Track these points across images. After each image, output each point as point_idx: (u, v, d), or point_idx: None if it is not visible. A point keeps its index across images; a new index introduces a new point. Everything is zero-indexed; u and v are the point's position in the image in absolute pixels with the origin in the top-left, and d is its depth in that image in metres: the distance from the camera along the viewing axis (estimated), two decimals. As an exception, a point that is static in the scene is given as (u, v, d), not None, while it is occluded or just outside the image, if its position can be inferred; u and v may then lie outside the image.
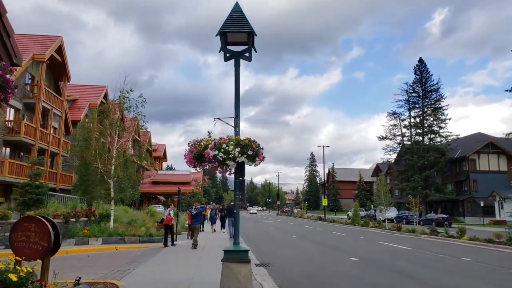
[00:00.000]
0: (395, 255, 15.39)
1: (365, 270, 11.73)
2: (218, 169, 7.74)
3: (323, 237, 24.77)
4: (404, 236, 26.00)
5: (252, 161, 7.47)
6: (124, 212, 22.51)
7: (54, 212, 16.26)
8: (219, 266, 7.62)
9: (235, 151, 7.10)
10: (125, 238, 17.20)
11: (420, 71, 60.84)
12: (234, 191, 7.76)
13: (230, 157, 7.14)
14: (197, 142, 7.88)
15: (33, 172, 19.58)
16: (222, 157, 7.13)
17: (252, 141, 7.37)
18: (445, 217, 43.44)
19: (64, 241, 15.43)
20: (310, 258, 14.35)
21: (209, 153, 7.27)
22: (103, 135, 19.25)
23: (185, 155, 7.88)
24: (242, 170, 7.73)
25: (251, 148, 7.24)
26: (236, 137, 7.41)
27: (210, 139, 7.74)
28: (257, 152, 7.36)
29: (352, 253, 15.77)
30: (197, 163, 7.79)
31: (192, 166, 7.96)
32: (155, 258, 13.14)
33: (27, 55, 28.19)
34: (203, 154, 7.60)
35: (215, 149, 7.23)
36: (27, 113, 29.22)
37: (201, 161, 7.71)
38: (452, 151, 57.24)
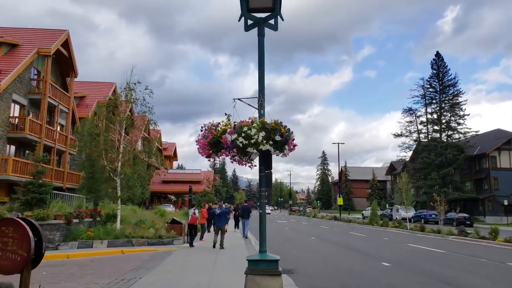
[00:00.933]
0: (429, 259, 13.87)
1: (404, 277, 10.26)
2: (238, 159, 6.36)
3: (343, 238, 23.28)
4: (429, 237, 24.37)
5: (280, 150, 6.05)
6: (132, 212, 21.26)
7: (57, 212, 15.01)
8: (236, 271, 6.18)
9: (259, 136, 5.70)
10: (133, 240, 15.92)
11: (437, 65, 58.91)
12: (259, 187, 6.34)
13: (253, 143, 5.74)
14: (212, 126, 6.48)
15: (35, 170, 18.41)
16: (242, 143, 5.74)
17: (280, 124, 5.96)
18: (467, 217, 41.56)
19: (66, 244, 14.21)
20: (337, 264, 12.90)
21: (227, 138, 5.89)
22: (109, 129, 17.96)
23: (197, 141, 6.50)
24: (268, 161, 6.32)
25: (279, 132, 5.84)
26: (261, 119, 6.01)
27: (229, 123, 6.34)
28: (286, 139, 5.94)
29: (381, 256, 14.28)
30: (213, 151, 6.40)
31: (205, 155, 6.57)
32: (164, 264, 11.80)
33: (32, 49, 27.18)
34: (219, 141, 6.23)
35: (234, 133, 5.85)
36: (32, 109, 28.15)
37: (217, 148, 6.32)
38: (470, 148, 55.26)
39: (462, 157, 54.48)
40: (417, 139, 62.38)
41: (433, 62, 59.41)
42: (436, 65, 58.96)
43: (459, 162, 54.48)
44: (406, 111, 63.06)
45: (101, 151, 17.05)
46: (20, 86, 26.31)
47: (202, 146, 6.44)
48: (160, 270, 10.51)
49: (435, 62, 59.20)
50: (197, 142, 6.51)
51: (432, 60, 59.70)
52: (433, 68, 59.22)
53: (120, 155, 17.36)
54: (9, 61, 25.50)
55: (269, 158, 6.24)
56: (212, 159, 6.61)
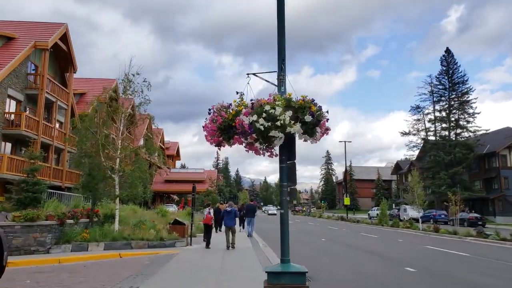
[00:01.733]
0: (456, 264, 12.65)
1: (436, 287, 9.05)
2: (256, 148, 5.16)
3: (355, 240, 22.04)
4: (445, 238, 23.10)
5: (310, 134, 4.84)
6: (132, 212, 20.11)
7: (48, 212, 13.81)
8: (245, 277, 4.98)
9: (285, 116, 4.49)
10: (132, 242, 14.74)
11: (446, 62, 57.53)
12: (280, 181, 5.13)
13: (278, 126, 4.54)
14: (223, 108, 5.27)
15: (29, 168, 17.29)
16: (264, 126, 4.53)
17: (310, 102, 4.74)
18: (479, 217, 40.18)
19: (59, 247, 13.04)
20: (357, 269, 11.69)
21: (243, 120, 4.67)
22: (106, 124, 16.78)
23: (204, 126, 5.30)
24: (291, 149, 5.12)
25: (309, 111, 4.62)
26: (287, 94, 4.81)
27: (243, 103, 5.13)
28: (318, 119, 4.73)
29: (402, 260, 13.05)
30: (223, 138, 5.19)
31: (215, 144, 5.36)
32: (165, 269, 10.62)
33: (29, 42, 26.06)
34: (232, 125, 5.02)
35: (252, 113, 4.64)
36: (29, 105, 27.04)
37: (229, 134, 5.12)
38: (480, 147, 53.87)
39: (471, 156, 53.12)
40: (425, 137, 61.02)
41: (442, 58, 58.06)
42: (446, 61, 57.57)
43: (469, 161, 53.11)
44: (414, 108, 61.78)
45: (98, 147, 15.86)
46: (16, 80, 25.20)
47: (211, 132, 5.24)
48: (160, 278, 9.33)
49: (445, 58, 57.81)
50: (204, 128, 5.30)
51: (442, 57, 58.35)
52: (443, 64, 57.87)
53: (119, 151, 16.19)
54: (4, 54, 24.38)
55: (293, 145, 5.05)
56: (222, 147, 5.40)
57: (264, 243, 18.59)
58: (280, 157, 5.06)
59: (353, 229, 33.28)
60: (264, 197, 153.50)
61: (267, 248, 16.71)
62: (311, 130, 4.63)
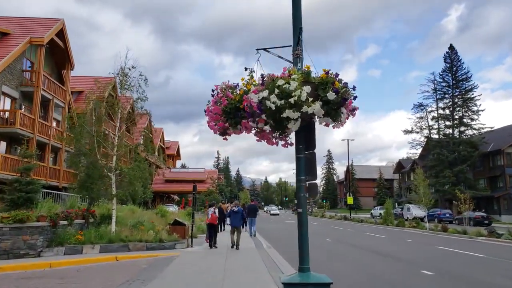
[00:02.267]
0: (474, 266, 11.87)
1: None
2: (267, 134, 4.38)
3: (362, 240, 21.26)
4: (455, 238, 22.31)
5: (334, 116, 4.05)
6: (130, 212, 19.29)
7: (40, 213, 13.03)
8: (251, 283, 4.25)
9: (302, 92, 3.69)
10: (129, 244, 13.96)
11: (450, 59, 56.64)
12: (297, 175, 4.34)
13: (292, 104, 3.75)
14: (229, 88, 4.48)
15: (23, 167, 16.51)
16: (276, 104, 3.74)
17: (333, 77, 3.95)
18: (485, 216, 39.30)
19: (51, 250, 12.27)
20: (370, 272, 10.91)
21: (252, 98, 3.88)
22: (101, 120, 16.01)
23: (207, 111, 4.50)
24: (310, 135, 4.34)
25: (332, 87, 3.84)
26: (305, 67, 4.01)
27: (253, 81, 4.34)
28: (344, 97, 3.94)
29: (417, 262, 12.28)
30: (230, 124, 4.40)
31: (219, 132, 4.55)
32: (165, 273, 9.84)
33: (24, 38, 25.30)
34: (240, 107, 4.23)
35: (263, 89, 3.85)
36: (25, 103, 26.29)
37: (237, 119, 4.32)
38: (484, 145, 53.04)
39: (476, 154, 52.30)
40: (428, 135, 60.20)
41: (446, 55, 57.18)
42: (450, 58, 56.70)
43: (473, 159, 52.29)
44: (417, 106, 60.86)
45: (94, 145, 15.09)
46: (10, 77, 24.44)
47: (214, 116, 4.44)
48: (158, 284, 8.56)
49: (448, 55, 56.95)
50: (207, 112, 4.51)
51: (445, 53, 57.47)
52: (446, 61, 56.98)
53: (115, 149, 15.41)
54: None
55: (312, 131, 4.26)
56: (228, 136, 4.62)
57: (268, 244, 17.84)
58: (297, 146, 4.29)
59: (358, 229, 32.50)
60: (264, 196, 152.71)
61: (271, 249, 15.96)
62: (334, 111, 3.85)
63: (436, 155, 55.41)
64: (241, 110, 4.18)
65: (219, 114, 4.30)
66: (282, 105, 3.64)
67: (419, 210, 44.03)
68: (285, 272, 10.22)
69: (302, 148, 4.23)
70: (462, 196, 25.46)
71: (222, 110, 4.26)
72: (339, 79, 3.81)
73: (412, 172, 71.79)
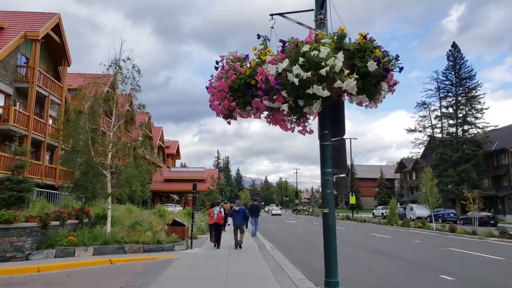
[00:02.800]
0: (496, 270, 11.07)
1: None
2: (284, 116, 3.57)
3: (368, 241, 20.47)
4: (465, 239, 21.48)
5: (371, 93, 3.23)
6: (127, 212, 18.49)
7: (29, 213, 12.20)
8: None
9: (336, 61, 2.85)
10: (125, 246, 13.14)
11: (453, 57, 55.84)
12: (322, 167, 3.51)
13: (324, 76, 2.91)
14: (236, 60, 3.64)
15: (14, 164, 15.69)
16: (301, 76, 2.91)
17: (372, 43, 3.11)
18: (490, 216, 38.47)
19: (40, 253, 11.44)
20: (385, 277, 10.11)
21: (268, 70, 3.05)
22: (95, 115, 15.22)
23: (209, 87, 3.67)
24: (340, 117, 3.52)
25: (372, 56, 3.01)
26: (337, 30, 3.17)
27: (268, 50, 3.50)
28: (387, 68, 3.10)
29: (432, 266, 11.47)
30: (237, 104, 3.56)
31: (222, 112, 3.75)
32: (162, 278, 9.04)
33: (18, 32, 24.48)
34: (251, 83, 3.40)
35: (283, 58, 3.02)
36: (19, 99, 25.48)
37: (246, 97, 3.51)
38: (488, 144, 52.22)
39: (480, 153, 51.49)
40: (431, 134, 59.41)
41: (449, 53, 56.36)
42: (453, 56, 55.89)
43: (477, 158, 51.47)
44: (420, 105, 60.13)
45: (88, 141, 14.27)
46: (4, 73, 23.63)
47: (218, 93, 3.61)
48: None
49: (451, 53, 56.14)
50: (209, 88, 3.69)
51: (448, 51, 56.64)
52: (449, 59, 56.19)
53: (110, 145, 14.60)
54: (-9, 44, 22.82)
55: (340, 111, 3.44)
56: (233, 120, 3.81)
57: (271, 245, 17.06)
58: (321, 131, 3.47)
59: (361, 229, 31.70)
60: (264, 196, 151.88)
61: (275, 251, 15.18)
62: (373, 86, 3.02)
63: (439, 154, 54.64)
64: (252, 86, 3.36)
65: (224, 91, 3.48)
66: (309, 79, 2.81)
67: (423, 210, 43.25)
68: (292, 276, 9.43)
69: (327, 134, 3.42)
70: (471, 195, 24.64)
71: (229, 87, 3.44)
72: (377, 45, 3.00)
73: (415, 171, 71.24)
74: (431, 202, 27.91)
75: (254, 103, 3.35)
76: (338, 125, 3.41)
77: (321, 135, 3.43)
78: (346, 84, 2.86)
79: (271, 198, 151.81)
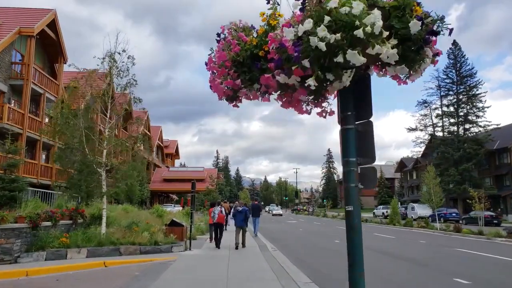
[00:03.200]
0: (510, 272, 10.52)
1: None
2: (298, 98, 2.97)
3: (372, 241, 19.85)
4: (472, 239, 20.91)
5: (412, 61, 2.61)
6: (124, 212, 17.92)
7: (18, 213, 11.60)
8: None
9: (375, 19, 2.22)
10: (121, 248, 12.55)
11: (454, 55, 55.34)
12: (344, 156, 2.92)
13: (359, 38, 2.28)
14: (239, 29, 3.04)
15: (6, 163, 15.15)
16: (329, 41, 2.27)
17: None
18: (493, 215, 37.94)
19: (30, 255, 10.85)
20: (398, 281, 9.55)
21: (284, 35, 2.44)
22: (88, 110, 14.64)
23: (208, 61, 3.07)
24: (366, 94, 2.92)
25: (414, 15, 2.39)
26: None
27: (278, 14, 2.91)
28: (431, 30, 2.49)
29: (444, 269, 10.90)
30: (243, 79, 2.96)
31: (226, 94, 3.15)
32: (159, 283, 8.46)
33: (13, 28, 23.89)
34: (259, 54, 2.79)
35: (304, 18, 2.41)
36: (14, 97, 24.90)
37: (253, 72, 2.89)
38: (489, 143, 51.70)
39: (482, 152, 50.96)
40: (432, 133, 58.91)
41: (449, 51, 55.81)
42: (453, 54, 55.38)
43: (479, 157, 50.95)
44: (421, 103, 59.67)
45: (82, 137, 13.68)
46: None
47: (220, 70, 3.02)
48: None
49: (452, 51, 55.61)
50: (208, 64, 3.10)
51: (449, 50, 56.07)
52: (450, 58, 55.67)
53: (105, 142, 14.01)
54: (-15, 41, 22.22)
55: (367, 88, 2.85)
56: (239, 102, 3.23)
57: (272, 246, 16.50)
58: (343, 112, 2.90)
59: (364, 228, 30.93)
60: (264, 196, 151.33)
61: (276, 251, 14.63)
62: (414, 53, 2.45)
63: (440, 153, 54.14)
64: (260, 59, 2.77)
65: (226, 66, 2.90)
66: (339, 43, 2.23)
67: (424, 209, 42.69)
68: (297, 280, 8.86)
69: (350, 116, 2.84)
70: (476, 194, 24.08)
71: (232, 60, 2.86)
72: (419, 0, 2.43)
73: (415, 170, 70.65)
74: (435, 202, 27.33)
75: (262, 79, 2.75)
76: (365, 104, 2.84)
77: (342, 117, 2.86)
78: (385, 49, 2.28)
79: (271, 198, 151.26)
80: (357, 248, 2.73)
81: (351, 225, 2.78)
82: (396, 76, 2.65)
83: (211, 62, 3.01)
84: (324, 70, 2.42)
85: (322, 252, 15.72)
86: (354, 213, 2.78)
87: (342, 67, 2.38)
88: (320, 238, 22.11)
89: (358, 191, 2.84)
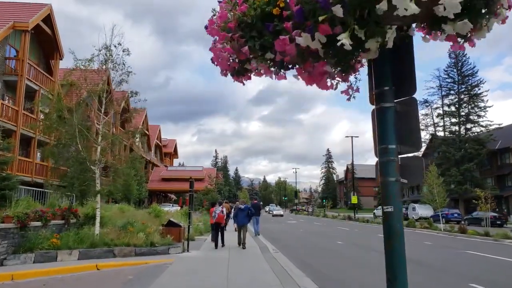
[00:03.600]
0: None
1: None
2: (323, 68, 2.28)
3: (375, 242, 19.23)
4: (478, 240, 20.31)
5: (478, 16, 1.94)
6: (119, 212, 17.29)
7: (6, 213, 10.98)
8: None
9: None
10: (115, 249, 11.94)
11: (455, 54, 54.71)
12: (379, 143, 2.27)
13: None
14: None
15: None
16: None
17: None
18: (497, 216, 37.35)
19: (17, 258, 10.22)
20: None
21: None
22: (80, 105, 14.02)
23: (209, 24, 2.40)
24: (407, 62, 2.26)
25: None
26: None
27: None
28: None
29: (458, 272, 10.32)
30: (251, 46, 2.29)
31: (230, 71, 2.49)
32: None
33: (7, 23, 23.24)
34: (272, 12, 2.11)
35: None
36: (8, 93, 24.29)
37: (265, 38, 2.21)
38: (491, 142, 51.15)
39: (484, 152, 50.40)
40: (433, 133, 58.35)
41: (450, 50, 55.18)
42: (454, 53, 54.79)
43: (481, 157, 50.38)
44: (422, 103, 58.94)
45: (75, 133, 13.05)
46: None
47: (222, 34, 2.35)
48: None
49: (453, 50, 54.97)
50: (209, 27, 2.44)
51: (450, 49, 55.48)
52: (451, 57, 55.15)
53: (99, 138, 13.39)
54: (-22, 35, 21.60)
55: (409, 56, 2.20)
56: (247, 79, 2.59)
57: (274, 248, 15.89)
58: (377, 88, 2.29)
59: (365, 229, 30.53)
60: (263, 196, 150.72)
61: (278, 253, 14.02)
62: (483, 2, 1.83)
63: (441, 153, 53.57)
64: (274, 18, 2.14)
65: (230, 29, 2.27)
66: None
67: (426, 209, 42.12)
68: (302, 286, 8.26)
69: (388, 91, 2.23)
70: (482, 194, 23.47)
71: (239, 21, 2.23)
72: None
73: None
74: (439, 202, 26.72)
75: (277, 43, 2.11)
76: (406, 76, 2.22)
77: (378, 93, 2.25)
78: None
79: (270, 198, 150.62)
80: (399, 259, 2.14)
81: (391, 230, 2.18)
82: (452, 37, 2.04)
83: (211, 24, 2.39)
84: (360, 25, 1.81)
85: (325, 252, 15.11)
86: (395, 215, 2.18)
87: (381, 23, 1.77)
88: (322, 239, 21.51)
89: (400, 188, 2.23)
